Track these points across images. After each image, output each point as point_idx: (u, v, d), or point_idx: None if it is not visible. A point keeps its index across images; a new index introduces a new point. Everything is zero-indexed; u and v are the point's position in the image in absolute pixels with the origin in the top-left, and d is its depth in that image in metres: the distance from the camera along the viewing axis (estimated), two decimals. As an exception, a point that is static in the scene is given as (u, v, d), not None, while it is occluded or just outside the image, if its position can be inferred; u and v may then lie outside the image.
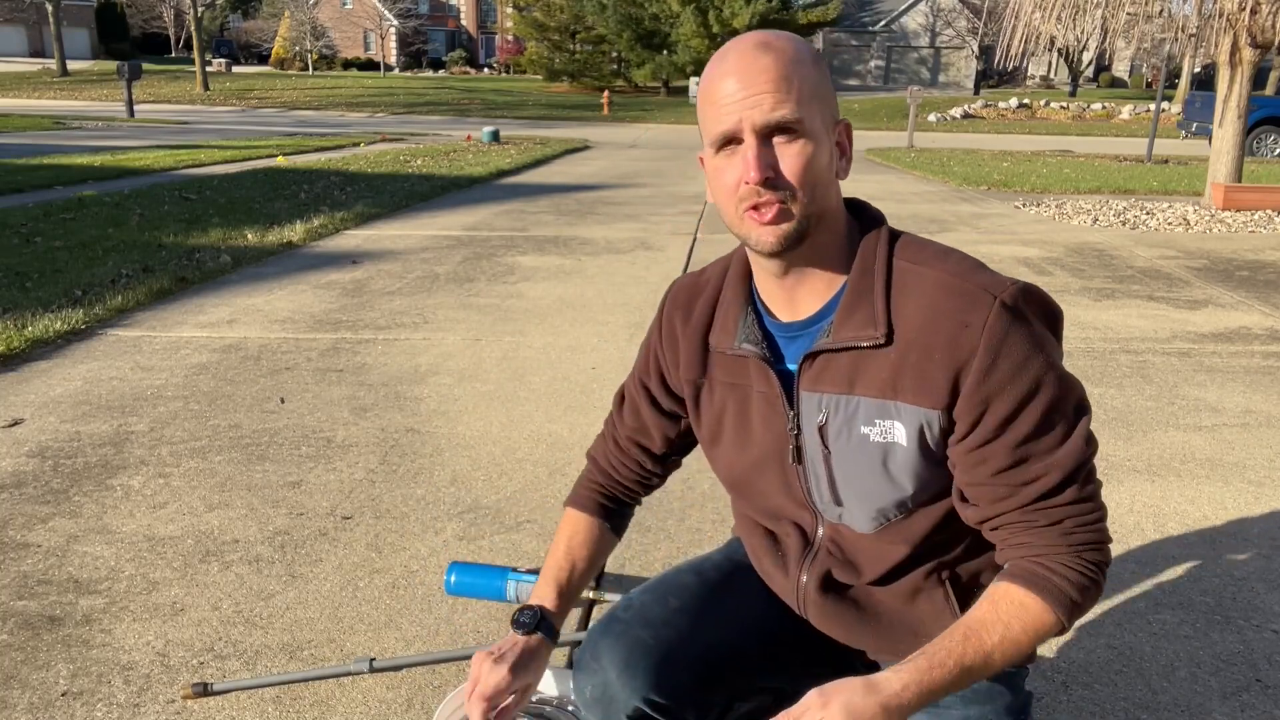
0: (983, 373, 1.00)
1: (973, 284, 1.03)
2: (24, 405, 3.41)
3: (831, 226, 1.08)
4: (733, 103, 1.02)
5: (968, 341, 1.00)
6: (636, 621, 1.14)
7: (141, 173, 10.95)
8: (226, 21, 67.98)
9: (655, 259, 6.45)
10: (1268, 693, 1.88)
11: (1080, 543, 1.04)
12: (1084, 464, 1.04)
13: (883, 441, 1.06)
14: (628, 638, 1.12)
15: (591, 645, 1.14)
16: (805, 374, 1.09)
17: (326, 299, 5.10)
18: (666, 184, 11.38)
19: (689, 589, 1.21)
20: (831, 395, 1.08)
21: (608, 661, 1.11)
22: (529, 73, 49.78)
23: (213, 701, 1.79)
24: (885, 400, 1.04)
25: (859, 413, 1.06)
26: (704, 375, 1.21)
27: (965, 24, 45.31)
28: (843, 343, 1.06)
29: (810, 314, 1.11)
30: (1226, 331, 4.72)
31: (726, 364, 1.18)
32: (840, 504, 1.12)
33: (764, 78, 1.00)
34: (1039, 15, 10.12)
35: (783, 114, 1.00)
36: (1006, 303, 1.01)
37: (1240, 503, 2.77)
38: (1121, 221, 8.69)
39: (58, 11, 38.35)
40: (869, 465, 1.08)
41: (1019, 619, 1.02)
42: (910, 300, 1.04)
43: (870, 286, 1.06)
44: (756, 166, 1.01)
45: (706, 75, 1.06)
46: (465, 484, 2.82)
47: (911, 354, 1.02)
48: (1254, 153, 17.49)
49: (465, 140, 17.52)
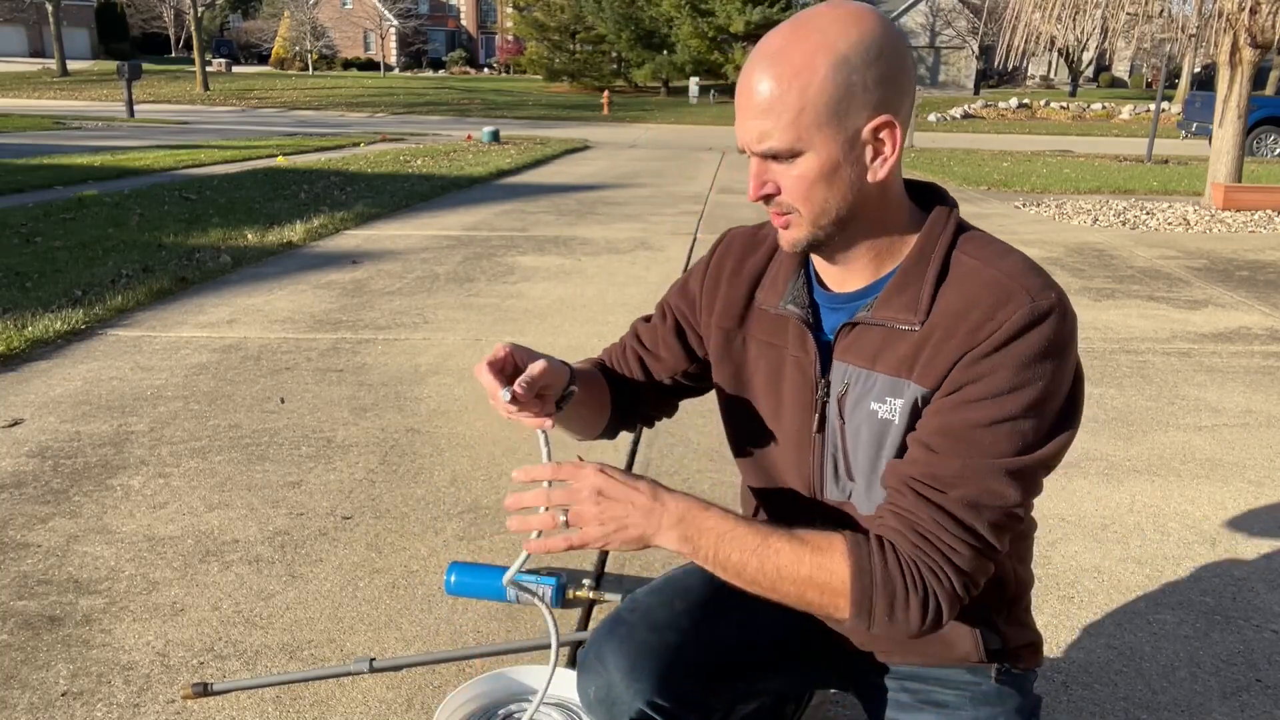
0: (982, 355, 0.99)
1: (1018, 283, 1.00)
2: (24, 405, 3.41)
3: (873, 220, 1.06)
4: (738, 119, 1.03)
5: (986, 331, 0.99)
6: (642, 624, 1.14)
7: (141, 173, 10.95)
8: (226, 21, 68.00)
9: (655, 259, 6.45)
10: (1268, 693, 1.88)
11: (934, 560, 0.99)
12: (1003, 501, 0.99)
13: (885, 419, 1.06)
14: (633, 640, 1.12)
15: (596, 646, 1.13)
16: (840, 343, 1.10)
17: (326, 299, 5.10)
18: (666, 184, 11.38)
19: (694, 591, 1.20)
20: (855, 368, 1.08)
21: (612, 664, 1.10)
22: (529, 73, 49.79)
23: (213, 701, 1.79)
24: (899, 379, 1.05)
25: (874, 389, 1.07)
26: (740, 326, 1.21)
27: (965, 24, 45.30)
28: (880, 320, 1.06)
29: (859, 288, 1.11)
30: (1226, 331, 4.72)
31: (767, 321, 1.18)
32: (853, 480, 1.12)
33: (756, 102, 0.99)
34: (1039, 15, 10.12)
35: (770, 145, 1.00)
36: (1040, 307, 0.98)
37: (1240, 503, 2.77)
38: (1121, 221, 8.69)
39: (58, 11, 38.35)
40: (870, 440, 1.08)
41: (817, 586, 0.99)
42: (954, 290, 1.03)
43: (922, 274, 1.05)
44: (752, 187, 1.04)
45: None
46: (465, 484, 2.82)
47: (934, 336, 1.02)
48: (1254, 153, 17.49)
49: (465, 140, 17.51)
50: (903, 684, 1.20)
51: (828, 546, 1.00)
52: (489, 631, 2.06)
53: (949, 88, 45.28)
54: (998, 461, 0.99)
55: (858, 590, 0.98)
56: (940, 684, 1.18)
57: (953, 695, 1.16)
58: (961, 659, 1.15)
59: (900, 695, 1.19)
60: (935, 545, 0.99)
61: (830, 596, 0.99)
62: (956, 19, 45.79)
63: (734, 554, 0.99)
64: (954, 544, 0.99)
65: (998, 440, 0.99)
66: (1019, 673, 1.18)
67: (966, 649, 1.14)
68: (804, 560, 0.99)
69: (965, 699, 1.16)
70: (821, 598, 1.00)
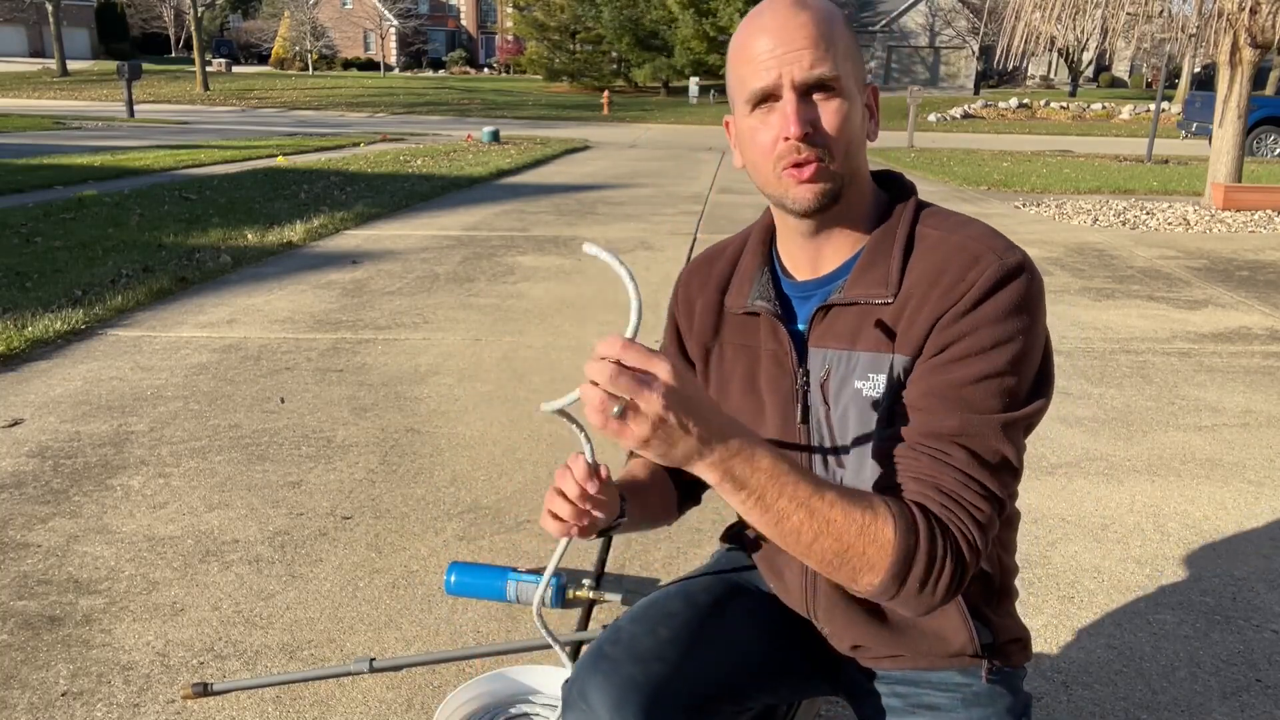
0: (959, 315, 0.99)
1: (984, 245, 1.03)
2: (24, 405, 3.41)
3: (861, 188, 1.08)
4: (771, 59, 1.01)
5: (959, 292, 1.00)
6: (626, 657, 1.10)
7: (141, 173, 10.95)
8: (226, 21, 68.00)
9: (655, 259, 6.45)
10: (1268, 693, 1.88)
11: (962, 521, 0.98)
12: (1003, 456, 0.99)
13: (870, 396, 1.06)
14: (618, 675, 1.08)
15: (579, 683, 1.09)
16: (815, 329, 1.10)
17: (326, 299, 5.10)
18: (666, 184, 11.38)
19: (678, 617, 1.17)
20: (835, 351, 1.08)
21: (597, 700, 1.06)
22: (529, 73, 49.79)
23: (213, 701, 1.79)
24: (880, 354, 1.05)
25: (857, 367, 1.07)
26: (715, 338, 1.21)
27: (965, 24, 45.29)
28: (853, 298, 1.06)
29: (826, 273, 1.11)
30: (1226, 331, 4.72)
31: (738, 325, 1.18)
32: (842, 466, 1.12)
33: (802, 34, 1.00)
34: (1039, 15, 10.12)
35: (822, 71, 1.00)
36: (1009, 264, 1.01)
37: (1240, 503, 2.77)
38: (1121, 221, 8.69)
39: (58, 11, 38.36)
40: (857, 421, 1.08)
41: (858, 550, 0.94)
42: (922, 261, 1.04)
43: (889, 249, 1.06)
44: (797, 121, 1.00)
45: (740, 33, 1.06)
46: (465, 484, 2.82)
47: (909, 305, 1.03)
48: (1254, 153, 17.49)
49: (465, 140, 17.52)
50: (894, 689, 1.19)
51: (879, 508, 0.96)
52: (489, 631, 2.06)
53: (949, 88, 45.28)
54: (992, 418, 0.99)
55: (900, 557, 0.94)
56: (931, 687, 1.17)
57: (944, 698, 1.16)
58: (956, 653, 1.15)
59: (892, 700, 1.18)
60: (960, 504, 0.97)
61: (866, 561, 0.95)
62: (956, 19, 45.78)
63: (781, 500, 0.93)
64: (976, 501, 0.98)
65: (987, 396, 0.99)
66: (1009, 671, 1.18)
67: (961, 641, 1.14)
68: (855, 520, 0.94)
69: (957, 701, 1.15)
70: (856, 560, 0.95)
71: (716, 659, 1.16)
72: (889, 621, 1.16)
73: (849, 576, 0.97)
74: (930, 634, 1.13)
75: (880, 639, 1.18)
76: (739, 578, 1.30)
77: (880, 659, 1.19)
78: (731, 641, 1.18)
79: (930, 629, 1.12)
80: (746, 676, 1.18)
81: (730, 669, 1.17)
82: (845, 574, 0.97)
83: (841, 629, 1.19)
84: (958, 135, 24.73)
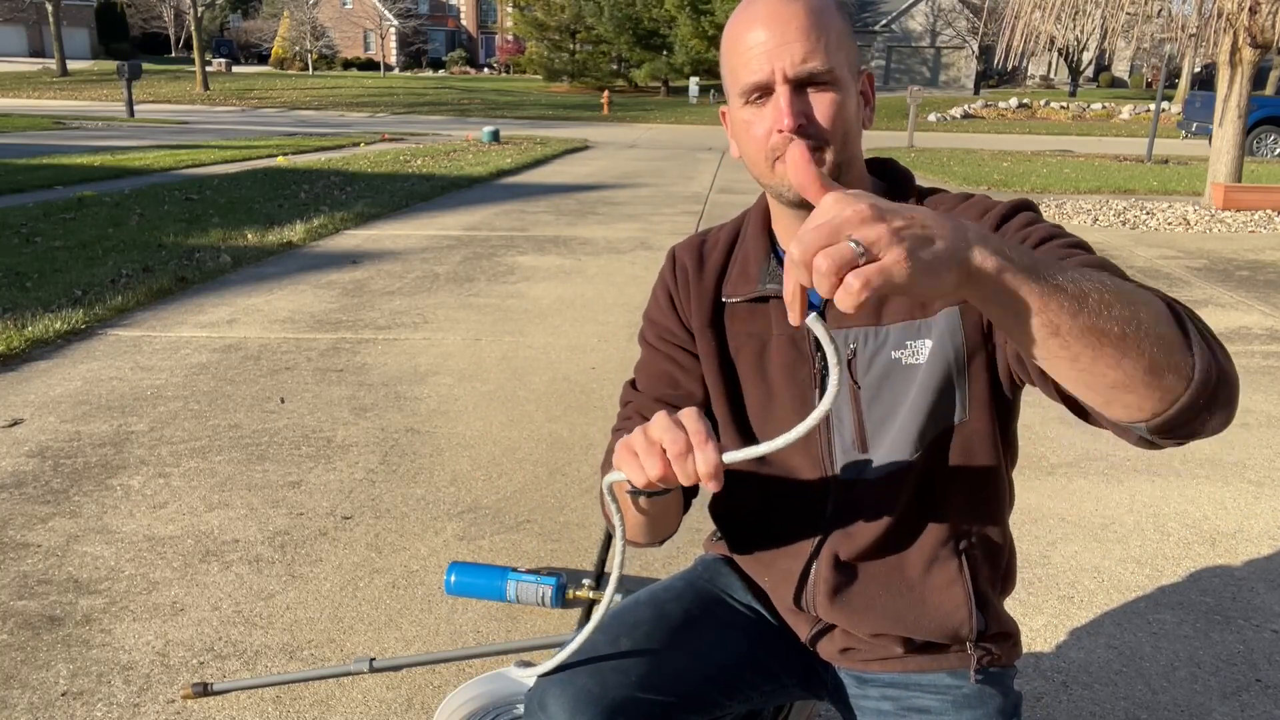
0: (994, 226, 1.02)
1: (992, 200, 1.08)
2: (24, 405, 3.41)
3: (856, 176, 1.09)
4: (763, 51, 1.01)
5: (987, 222, 1.03)
6: (585, 669, 1.10)
7: (141, 173, 10.95)
8: (226, 21, 67.97)
9: (655, 259, 6.45)
10: (1268, 693, 1.88)
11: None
12: None
13: (913, 363, 1.06)
14: (574, 685, 1.08)
15: (539, 693, 1.09)
16: (833, 308, 1.09)
17: (326, 299, 5.10)
18: (666, 184, 11.38)
19: (642, 627, 1.16)
20: (859, 328, 1.08)
21: (555, 710, 1.07)
22: (529, 73, 49.78)
23: (213, 701, 1.79)
24: (914, 320, 1.05)
25: (889, 339, 1.07)
26: (711, 325, 1.20)
27: (965, 24, 45.28)
28: None
29: None
30: (1226, 331, 4.72)
31: (744, 312, 1.17)
32: (866, 449, 1.11)
33: (794, 25, 1.00)
34: (1039, 15, 10.12)
35: (814, 65, 1.00)
36: (1019, 200, 1.06)
37: (1240, 503, 2.77)
38: (1121, 221, 8.69)
39: (58, 11, 38.35)
40: (892, 395, 1.08)
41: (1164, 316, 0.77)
42: None
43: None
44: (790, 114, 1.00)
45: (732, 25, 1.06)
46: (465, 484, 2.82)
47: None
48: (1254, 153, 17.48)
49: (465, 140, 17.51)
50: (884, 692, 1.18)
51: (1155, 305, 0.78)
52: (489, 631, 2.06)
53: (949, 88, 45.28)
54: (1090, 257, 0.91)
55: (1177, 313, 0.79)
56: (921, 689, 1.16)
57: (935, 700, 1.15)
58: (953, 633, 1.14)
59: (882, 704, 1.17)
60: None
61: (1173, 328, 0.77)
62: (956, 19, 45.77)
63: (1069, 272, 0.74)
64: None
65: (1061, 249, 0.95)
66: (998, 671, 1.17)
67: (959, 620, 1.13)
68: (1140, 289, 0.79)
69: (948, 703, 1.14)
70: (1169, 329, 0.76)
71: (681, 665, 1.14)
72: (891, 603, 1.15)
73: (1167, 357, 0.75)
74: (931, 609, 1.12)
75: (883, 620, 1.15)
76: (713, 586, 1.28)
77: (869, 662, 1.18)
78: (698, 651, 1.16)
79: (932, 604, 1.12)
80: (713, 686, 1.16)
81: (697, 679, 1.15)
82: (1164, 358, 0.75)
83: (842, 615, 1.17)
84: (958, 135, 24.73)
